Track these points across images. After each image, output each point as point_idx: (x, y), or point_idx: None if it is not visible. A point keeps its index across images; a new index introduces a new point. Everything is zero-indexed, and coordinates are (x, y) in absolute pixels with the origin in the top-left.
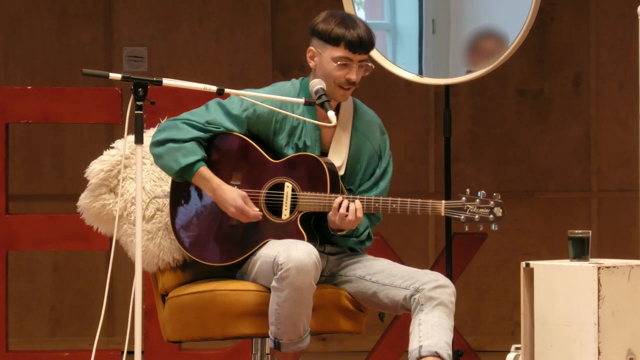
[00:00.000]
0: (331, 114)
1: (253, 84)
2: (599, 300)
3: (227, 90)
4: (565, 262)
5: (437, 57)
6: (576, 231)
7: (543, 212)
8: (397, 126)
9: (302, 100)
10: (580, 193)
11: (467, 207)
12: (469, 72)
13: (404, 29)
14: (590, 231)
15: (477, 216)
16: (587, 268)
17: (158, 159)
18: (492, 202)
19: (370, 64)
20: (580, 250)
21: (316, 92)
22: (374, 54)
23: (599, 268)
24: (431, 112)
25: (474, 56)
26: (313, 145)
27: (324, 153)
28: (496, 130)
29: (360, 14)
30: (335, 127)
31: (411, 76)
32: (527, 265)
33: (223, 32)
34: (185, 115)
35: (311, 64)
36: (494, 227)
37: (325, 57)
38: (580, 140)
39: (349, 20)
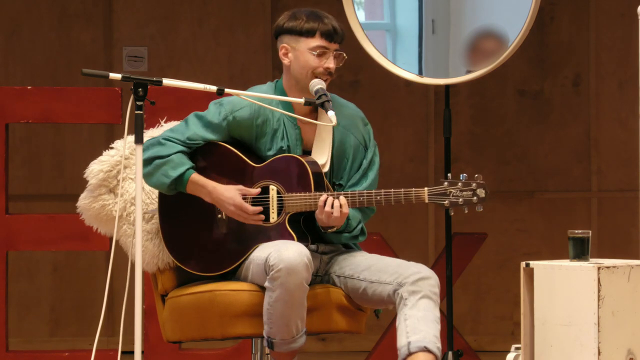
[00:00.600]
0: (331, 113)
1: (253, 84)
2: (599, 300)
3: (227, 90)
4: (565, 262)
5: (437, 57)
6: (576, 231)
7: (543, 212)
8: (397, 126)
9: (302, 100)
10: (580, 193)
11: (450, 192)
12: (469, 72)
13: (404, 29)
14: (590, 231)
15: (460, 199)
16: (587, 268)
17: (148, 178)
18: (474, 184)
19: (344, 54)
20: (580, 250)
21: (316, 92)
22: (374, 53)
23: (599, 268)
24: (431, 112)
25: (474, 56)
26: (294, 145)
27: (306, 152)
28: (496, 130)
29: (360, 14)
30: (316, 125)
31: (411, 76)
32: (527, 265)
33: (223, 32)
34: (166, 132)
35: (285, 61)
36: (478, 208)
37: (300, 50)
38: (580, 140)
39: (319, 13)
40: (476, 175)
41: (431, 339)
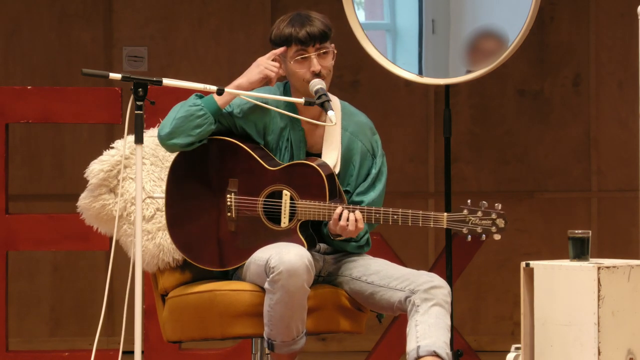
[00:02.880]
0: (331, 113)
1: None
2: (599, 300)
3: (227, 90)
4: (565, 262)
5: (437, 57)
6: (576, 231)
7: (543, 212)
8: (397, 126)
9: (302, 100)
10: (580, 193)
11: (470, 219)
12: (469, 72)
13: (404, 29)
14: (590, 231)
15: (479, 228)
16: (587, 268)
17: (174, 128)
18: (494, 214)
19: (331, 50)
20: (580, 250)
21: (316, 92)
22: (374, 53)
23: (599, 268)
24: (431, 112)
25: (474, 56)
26: (297, 146)
27: (310, 154)
28: (496, 130)
29: (360, 14)
30: (324, 127)
31: (411, 76)
32: (527, 265)
33: (223, 32)
34: None
35: (280, 71)
36: (496, 237)
37: (286, 60)
38: (580, 140)
39: (297, 18)
40: (496, 205)
41: (441, 344)
